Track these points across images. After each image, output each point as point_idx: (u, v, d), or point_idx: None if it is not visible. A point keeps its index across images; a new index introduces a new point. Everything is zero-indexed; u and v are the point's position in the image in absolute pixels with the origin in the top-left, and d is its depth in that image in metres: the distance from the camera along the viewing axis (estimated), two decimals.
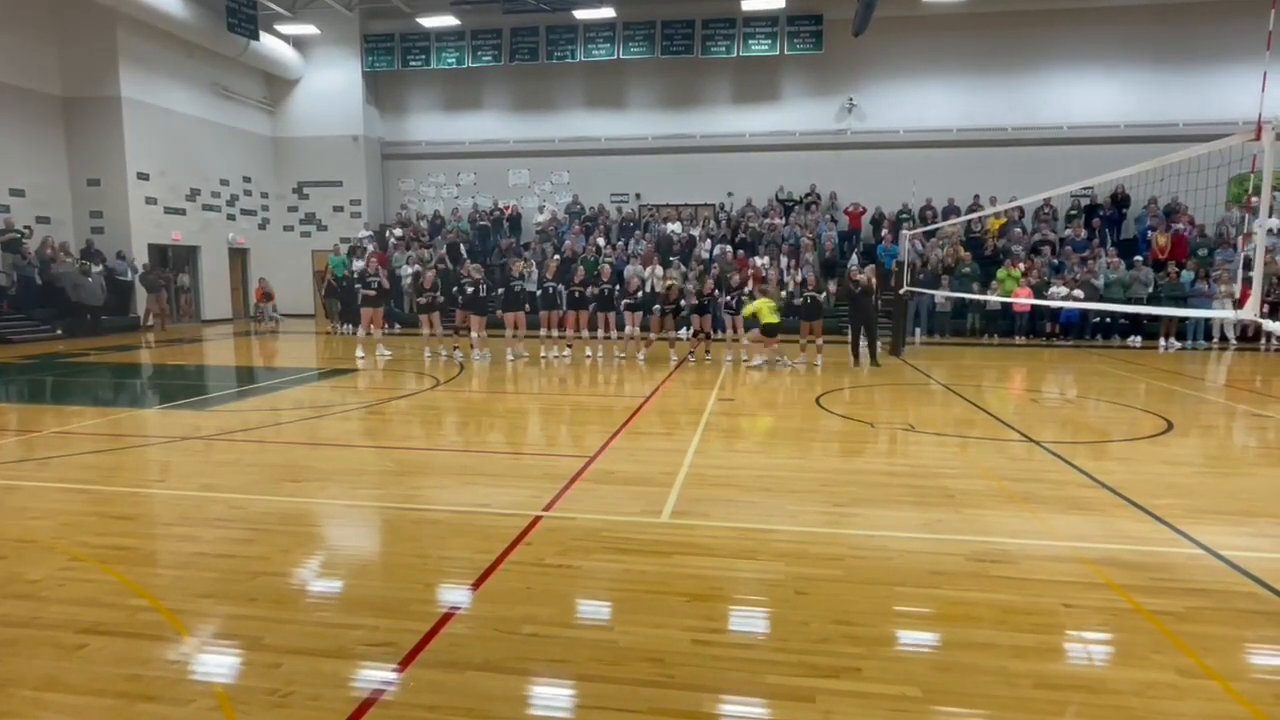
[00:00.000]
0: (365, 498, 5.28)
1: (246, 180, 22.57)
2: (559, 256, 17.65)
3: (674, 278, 15.44)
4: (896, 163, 20.45)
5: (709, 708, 2.73)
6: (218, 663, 3.02)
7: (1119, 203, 19.11)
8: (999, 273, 16.94)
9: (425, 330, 13.56)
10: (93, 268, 17.27)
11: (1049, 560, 4.06)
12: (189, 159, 20.29)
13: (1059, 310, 15.94)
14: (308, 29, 22.02)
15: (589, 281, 13.37)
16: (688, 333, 14.76)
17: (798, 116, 21.40)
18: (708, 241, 19.55)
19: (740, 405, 8.99)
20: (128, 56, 18.33)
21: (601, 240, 20.21)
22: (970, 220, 18.20)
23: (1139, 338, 16.14)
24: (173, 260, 20.42)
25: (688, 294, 13.43)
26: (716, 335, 13.63)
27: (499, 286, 13.20)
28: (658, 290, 14.58)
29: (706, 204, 21.86)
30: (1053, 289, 16.12)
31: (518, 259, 15.07)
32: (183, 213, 20.26)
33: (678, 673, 2.93)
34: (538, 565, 3.97)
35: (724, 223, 20.62)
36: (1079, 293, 15.79)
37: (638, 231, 20.38)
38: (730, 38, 20.62)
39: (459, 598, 3.60)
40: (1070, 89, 19.97)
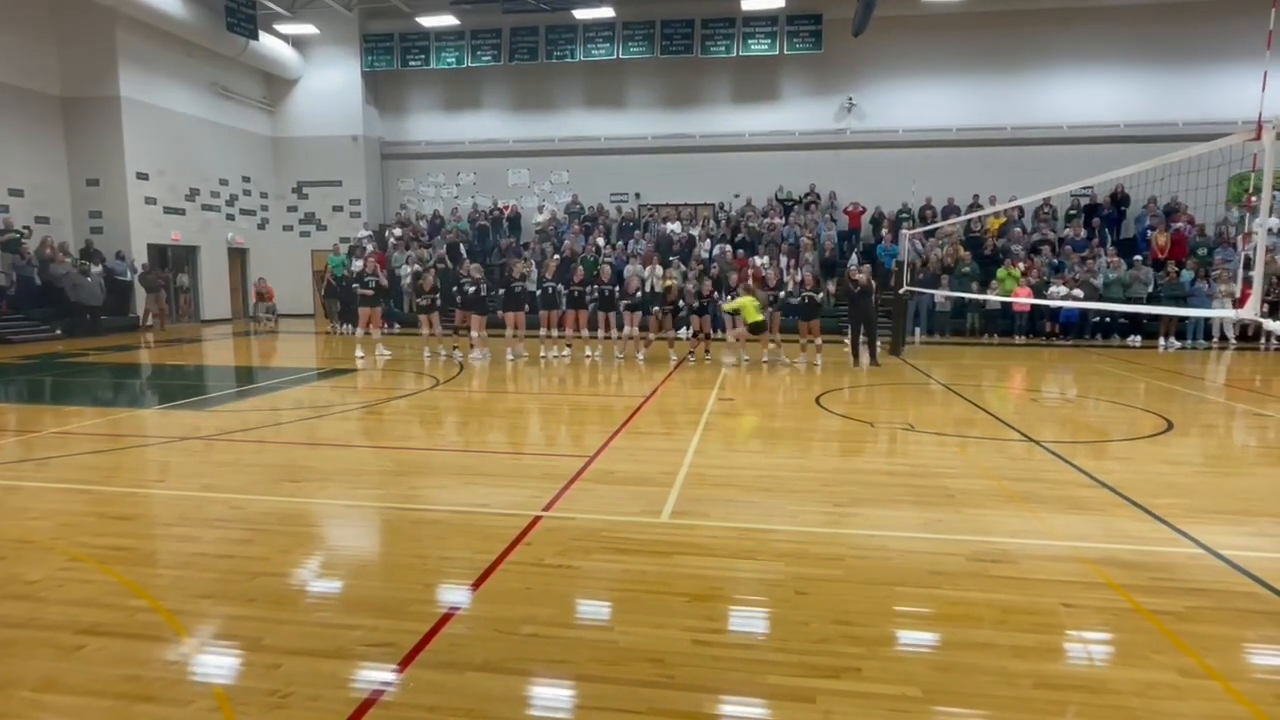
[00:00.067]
0: (365, 498, 5.28)
1: (246, 180, 22.56)
2: (559, 256, 17.64)
3: (674, 277, 15.42)
4: (896, 162, 20.46)
5: (709, 708, 2.73)
6: (217, 663, 3.02)
7: (1119, 202, 19.12)
8: (999, 272, 16.94)
9: (425, 330, 13.55)
10: (92, 268, 17.26)
11: (1049, 560, 4.06)
12: (188, 159, 20.28)
13: (1059, 310, 15.94)
14: (307, 29, 22.02)
15: (588, 281, 13.36)
16: (687, 333, 14.76)
17: (797, 116, 21.40)
18: (707, 241, 19.54)
19: (740, 405, 8.98)
20: (127, 56, 18.32)
21: (601, 240, 20.20)
22: (970, 220, 18.20)
23: (1139, 337, 16.14)
24: (172, 260, 20.41)
25: (687, 294, 13.42)
26: (716, 335, 13.62)
27: (499, 287, 13.18)
28: (657, 290, 14.58)
29: (706, 204, 21.85)
30: (1052, 288, 16.12)
31: (518, 260, 15.05)
32: (182, 213, 20.25)
33: (678, 673, 2.93)
34: (537, 565, 3.96)
35: (723, 222, 20.62)
36: (1079, 292, 15.79)
37: (637, 231, 20.36)
38: (730, 37, 20.62)
39: (459, 598, 3.59)
40: (1070, 88, 19.97)
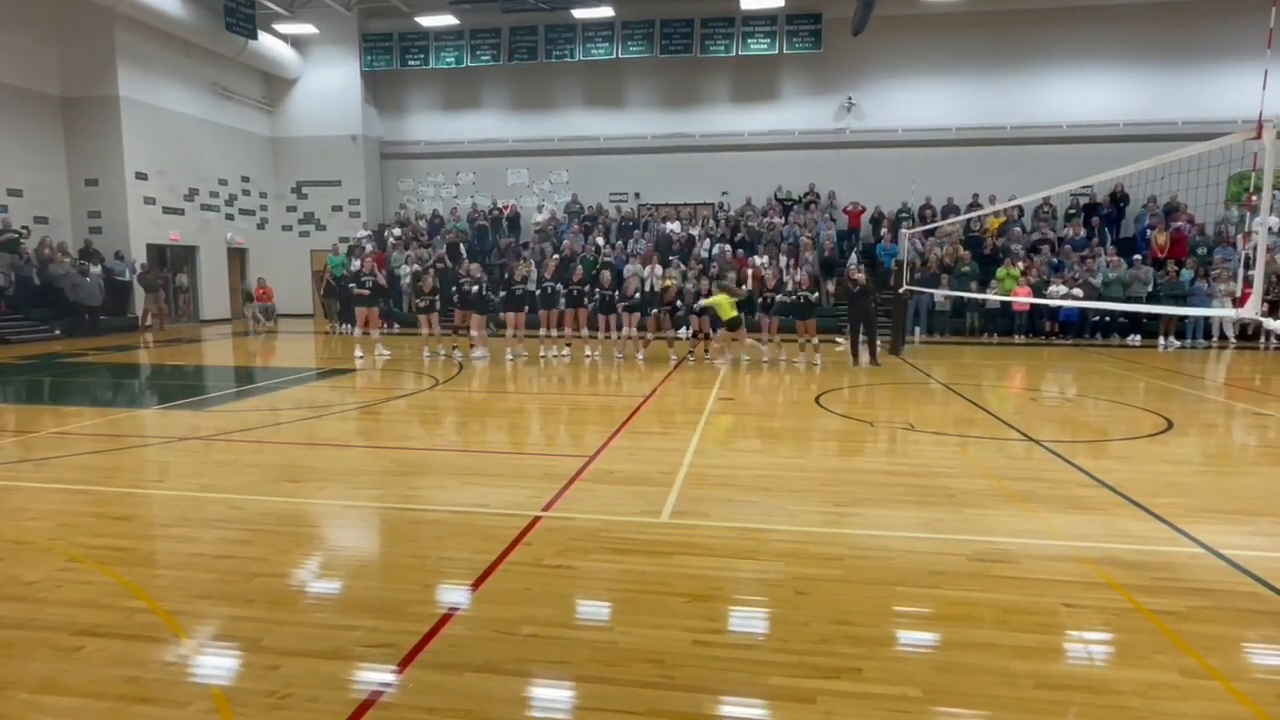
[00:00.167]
0: (364, 498, 5.27)
1: (245, 180, 22.54)
2: (558, 256, 17.62)
3: (673, 277, 15.42)
4: (895, 162, 20.46)
5: (709, 709, 2.72)
6: (215, 664, 3.01)
7: (1118, 201, 19.12)
8: (998, 271, 16.93)
9: (424, 330, 13.54)
10: (91, 268, 17.24)
11: (1049, 560, 4.05)
12: (187, 159, 20.26)
13: (1058, 309, 15.94)
14: (306, 28, 22.00)
15: (587, 283, 13.34)
16: (687, 333, 14.75)
17: (797, 115, 21.39)
18: (707, 241, 19.53)
19: (740, 405, 8.98)
20: (126, 56, 18.31)
21: (601, 240, 20.18)
22: (969, 219, 18.19)
23: (1138, 336, 16.14)
24: (171, 260, 20.40)
25: (686, 294, 13.41)
26: (716, 335, 13.59)
27: (501, 289, 13.16)
28: (657, 290, 14.56)
29: (705, 203, 21.85)
30: (1052, 288, 16.12)
31: (519, 262, 15.02)
32: (181, 213, 20.24)
33: (678, 674, 2.92)
34: (537, 566, 3.95)
35: (723, 222, 20.61)
36: (1078, 291, 15.79)
37: (637, 231, 20.35)
38: (729, 37, 20.61)
39: (458, 598, 3.58)
40: (1069, 88, 19.96)
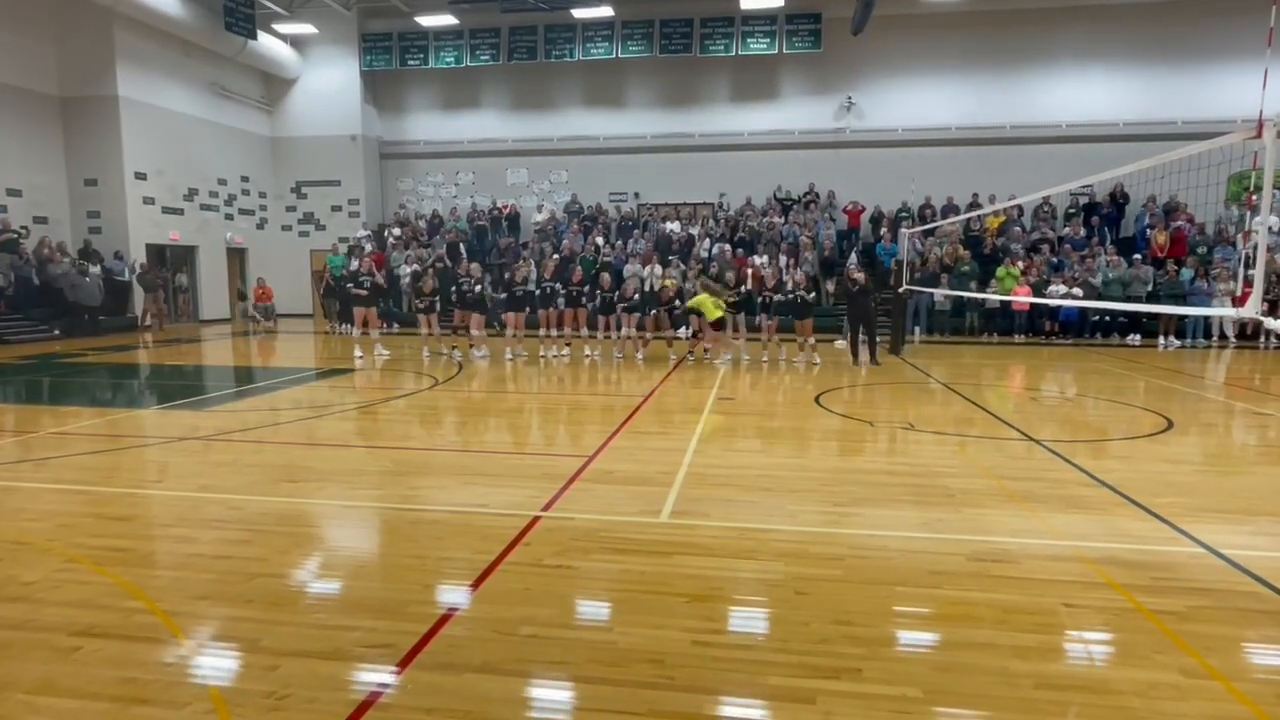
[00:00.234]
0: (363, 498, 5.26)
1: (244, 180, 22.53)
2: (558, 255, 17.60)
3: (672, 277, 15.40)
4: (895, 161, 20.44)
5: (709, 709, 2.72)
6: (213, 665, 3.00)
7: (1118, 201, 19.11)
8: (998, 271, 16.92)
9: (424, 330, 13.54)
10: (90, 268, 17.23)
11: (1049, 560, 4.04)
12: (187, 159, 20.25)
13: (1058, 308, 15.93)
14: (305, 28, 21.98)
15: (587, 283, 13.32)
16: (686, 332, 14.74)
17: (796, 115, 21.38)
18: (706, 240, 19.52)
19: (740, 404, 8.97)
20: (125, 56, 18.29)
21: (600, 239, 20.17)
22: (969, 219, 18.18)
23: (1138, 336, 16.14)
24: (170, 260, 20.38)
25: (685, 294, 13.39)
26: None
27: (503, 291, 13.14)
28: (656, 290, 14.54)
29: (705, 203, 21.84)
30: (1052, 287, 16.11)
31: (520, 262, 15.01)
32: (180, 212, 20.22)
33: (677, 674, 2.92)
34: (536, 566, 3.95)
35: (722, 222, 20.60)
36: (1078, 291, 15.78)
37: (636, 230, 20.34)
38: (729, 36, 20.60)
39: (457, 599, 3.58)
40: (1069, 87, 19.95)
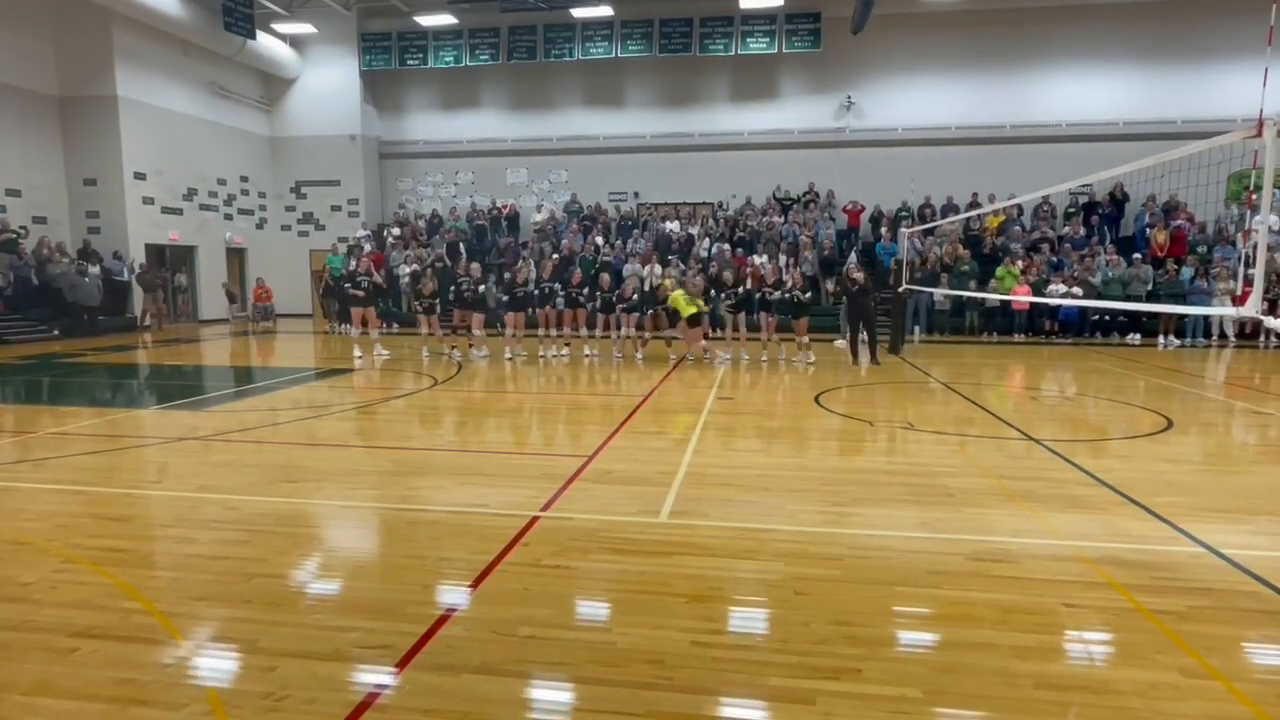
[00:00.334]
0: (362, 498, 5.25)
1: (244, 180, 22.51)
2: (557, 255, 17.60)
3: (672, 276, 15.38)
4: (895, 161, 20.43)
5: (708, 710, 2.71)
6: (211, 666, 2.99)
7: (1118, 200, 19.10)
8: (998, 270, 16.91)
9: (424, 330, 13.53)
10: (89, 268, 17.21)
11: (1049, 559, 4.04)
12: (186, 158, 20.24)
13: (1058, 308, 15.92)
14: (305, 28, 21.97)
15: (586, 284, 13.31)
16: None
17: (796, 115, 21.37)
18: (706, 240, 19.51)
19: (740, 404, 8.96)
20: (124, 56, 18.28)
21: (600, 239, 20.15)
22: (969, 218, 18.17)
23: (1138, 335, 16.13)
24: (170, 260, 20.37)
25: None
26: (715, 334, 13.59)
27: (504, 293, 13.12)
28: (656, 289, 14.52)
29: (705, 202, 21.83)
30: (1051, 286, 16.09)
31: (520, 262, 14.98)
32: (180, 212, 20.21)
33: (676, 675, 2.91)
34: (535, 566, 3.94)
35: (722, 221, 20.58)
36: (1078, 290, 15.77)
37: (636, 230, 20.33)
38: (728, 36, 20.59)
39: (456, 599, 3.57)
40: (1069, 86, 19.95)
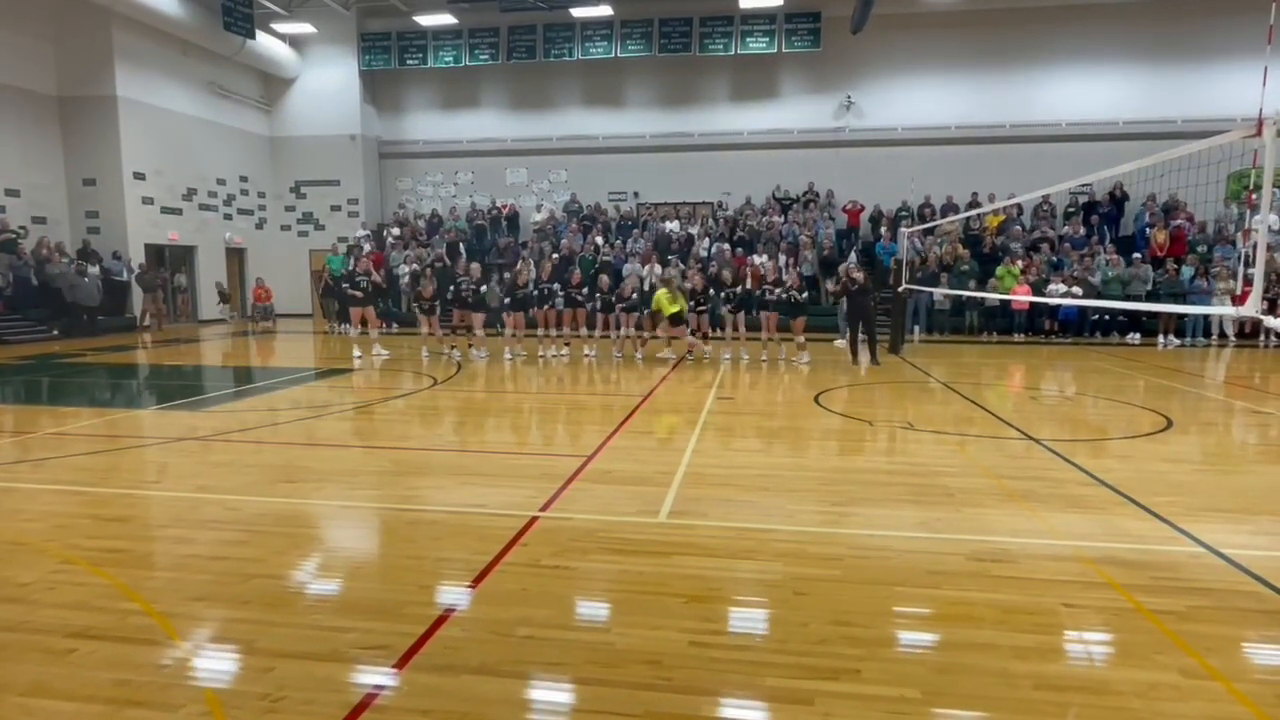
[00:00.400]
0: (361, 498, 5.25)
1: (243, 180, 22.50)
2: (557, 255, 17.59)
3: (672, 276, 15.35)
4: (895, 160, 20.41)
5: (707, 711, 2.70)
6: (209, 667, 2.99)
7: (1117, 199, 19.09)
8: (998, 270, 16.90)
9: (424, 330, 13.52)
10: (89, 268, 17.21)
11: (1049, 559, 4.03)
12: (185, 158, 20.22)
13: (1057, 307, 15.91)
14: (304, 28, 21.95)
15: (585, 284, 13.29)
16: (685, 331, 14.67)
17: (796, 114, 21.36)
18: (706, 240, 19.50)
19: (739, 404, 8.95)
20: (123, 55, 18.26)
21: (599, 239, 20.14)
22: (969, 217, 18.16)
23: (1138, 335, 16.13)
24: (169, 260, 20.36)
25: (694, 293, 13.32)
26: (715, 334, 13.58)
27: (506, 295, 13.10)
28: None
29: (705, 202, 21.83)
30: (1051, 286, 16.08)
31: (521, 263, 14.96)
32: (179, 212, 20.20)
33: (675, 675, 2.90)
34: (534, 566, 3.93)
35: (722, 221, 20.57)
36: (1077, 290, 15.76)
37: (636, 230, 20.32)
38: (728, 35, 20.58)
39: (454, 599, 3.56)
40: (1068, 86, 19.93)
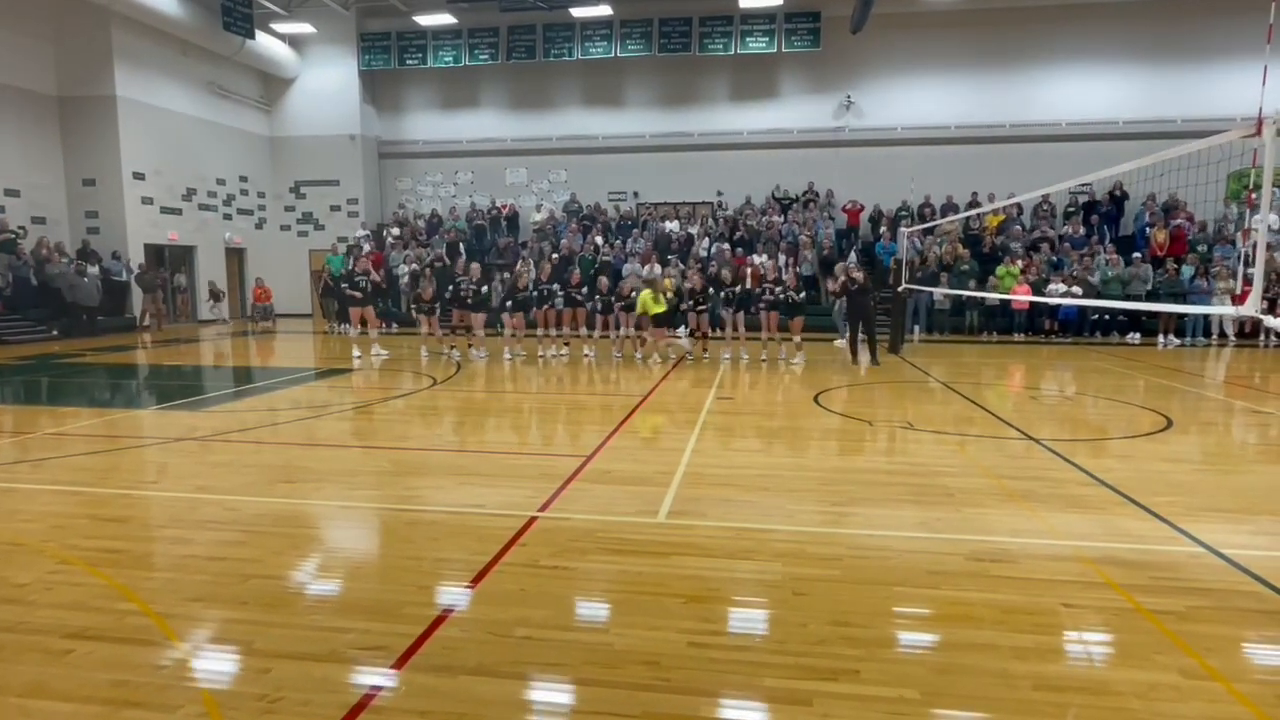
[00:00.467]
0: (360, 499, 5.24)
1: (243, 180, 22.50)
2: (557, 255, 17.57)
3: (672, 276, 15.36)
4: (894, 160, 20.41)
5: (705, 712, 2.69)
6: (206, 668, 2.98)
7: (1117, 199, 19.09)
8: (998, 270, 16.89)
9: (423, 329, 13.51)
10: (88, 268, 17.20)
11: (1049, 559, 4.02)
12: (185, 158, 20.22)
13: (1057, 307, 15.90)
14: (304, 28, 21.95)
15: (585, 284, 13.28)
16: (685, 331, 14.70)
17: (796, 114, 21.36)
18: (705, 240, 19.50)
19: (738, 404, 8.95)
20: (123, 55, 18.26)
21: (599, 239, 20.13)
22: (968, 217, 18.16)
23: (1138, 334, 16.12)
24: (169, 260, 20.36)
25: (683, 293, 13.35)
26: (715, 334, 13.58)
27: (507, 298, 13.10)
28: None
29: (704, 202, 21.82)
30: (1051, 286, 16.08)
31: (521, 263, 14.95)
32: (179, 213, 20.20)
33: (673, 676, 2.90)
34: (532, 567, 3.93)
35: (721, 221, 20.56)
36: (1077, 289, 15.75)
37: (635, 230, 20.32)
38: (728, 35, 20.57)
39: (452, 600, 3.56)
40: (1068, 85, 19.93)
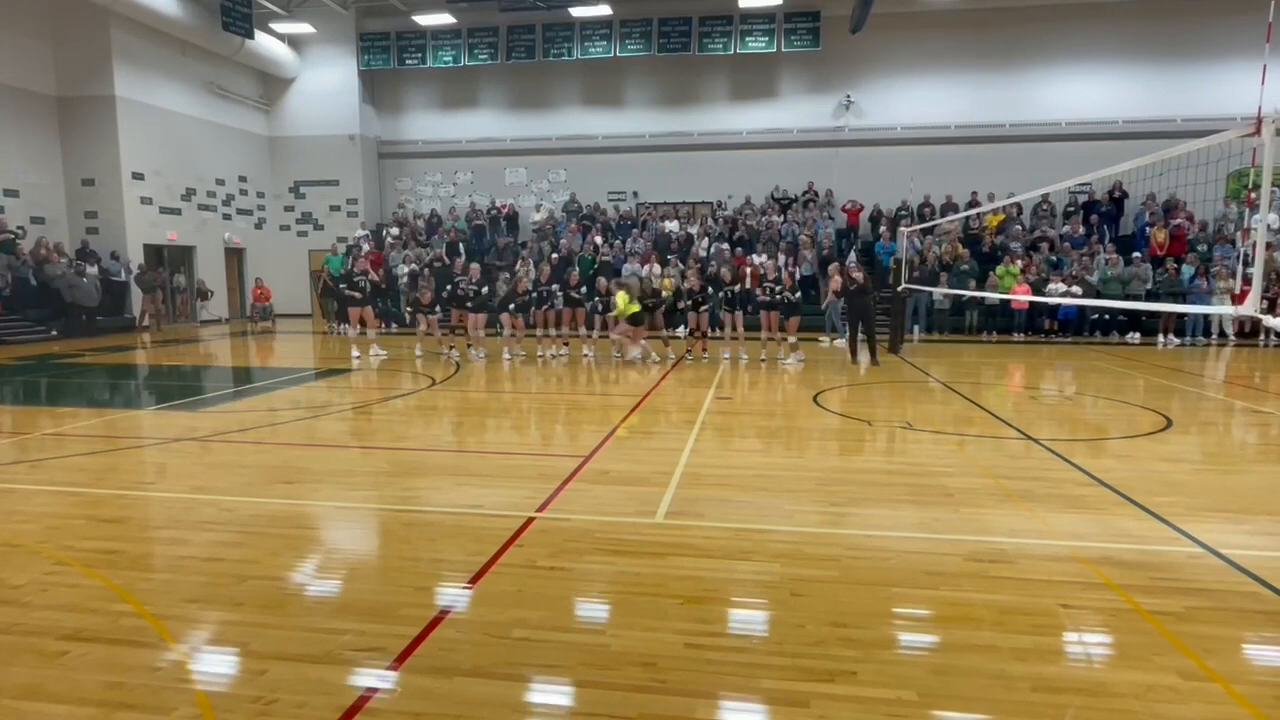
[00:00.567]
0: (357, 499, 5.23)
1: (242, 180, 22.49)
2: (556, 256, 17.56)
3: (671, 276, 15.36)
4: (894, 160, 20.39)
5: (702, 713, 2.68)
6: (202, 669, 2.97)
7: (1117, 199, 19.07)
8: (997, 269, 16.88)
9: (422, 329, 13.50)
10: (87, 268, 17.19)
11: (1047, 560, 4.01)
12: (184, 158, 20.20)
13: (1057, 307, 15.89)
14: (303, 28, 21.93)
15: (584, 284, 13.27)
16: (684, 331, 14.70)
17: (795, 114, 21.34)
18: (705, 240, 19.49)
19: (737, 404, 8.94)
20: (122, 55, 18.24)
21: (599, 239, 20.12)
22: (968, 217, 18.14)
23: (1137, 334, 16.11)
24: (168, 260, 20.34)
25: (683, 293, 13.34)
26: (714, 333, 13.57)
27: (508, 301, 13.09)
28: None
29: (704, 202, 21.81)
30: (1051, 285, 16.07)
31: (520, 264, 14.93)
32: (178, 213, 20.18)
33: (670, 677, 2.89)
34: (530, 567, 3.92)
35: (721, 221, 20.55)
36: (1077, 289, 15.74)
37: (635, 230, 20.30)
38: (727, 35, 20.56)
39: (450, 601, 3.55)
40: (1068, 85, 19.91)
